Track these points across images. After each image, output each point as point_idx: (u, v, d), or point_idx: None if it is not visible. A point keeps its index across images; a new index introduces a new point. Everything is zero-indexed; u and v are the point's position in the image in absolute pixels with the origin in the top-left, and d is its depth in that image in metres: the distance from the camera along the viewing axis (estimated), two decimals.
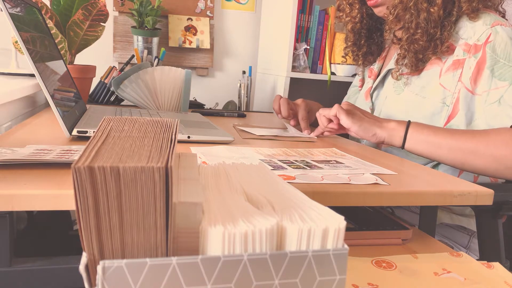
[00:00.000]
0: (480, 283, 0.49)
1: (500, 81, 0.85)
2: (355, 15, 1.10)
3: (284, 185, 0.38)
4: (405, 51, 0.95)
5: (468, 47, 0.90)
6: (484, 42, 0.87)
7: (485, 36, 0.87)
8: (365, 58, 1.16)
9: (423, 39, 0.91)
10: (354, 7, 1.09)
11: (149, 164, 0.27)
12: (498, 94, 0.85)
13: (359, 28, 1.11)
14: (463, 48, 0.90)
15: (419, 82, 0.97)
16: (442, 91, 0.92)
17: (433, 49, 0.93)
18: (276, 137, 0.93)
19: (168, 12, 1.83)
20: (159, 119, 0.40)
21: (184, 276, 0.27)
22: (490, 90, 0.86)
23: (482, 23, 0.89)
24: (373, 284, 0.47)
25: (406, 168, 0.72)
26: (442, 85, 0.92)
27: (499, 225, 0.82)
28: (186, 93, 1.24)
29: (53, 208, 0.46)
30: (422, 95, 0.95)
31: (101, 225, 0.27)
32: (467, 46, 0.90)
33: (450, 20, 0.92)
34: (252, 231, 0.28)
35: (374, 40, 1.15)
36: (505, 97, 0.84)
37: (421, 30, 0.91)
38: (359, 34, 1.13)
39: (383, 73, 1.08)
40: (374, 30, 1.14)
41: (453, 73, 0.91)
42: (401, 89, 1.01)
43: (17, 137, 0.72)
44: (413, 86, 0.98)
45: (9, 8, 0.66)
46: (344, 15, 1.12)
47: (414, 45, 0.93)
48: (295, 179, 0.59)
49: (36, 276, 0.49)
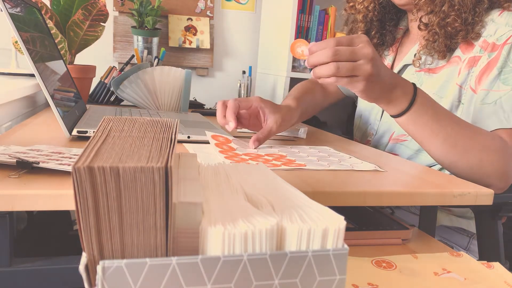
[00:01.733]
0: (480, 283, 0.48)
1: (503, 84, 0.83)
2: (368, 4, 1.05)
3: (284, 185, 0.38)
4: (436, 35, 0.91)
5: (486, 44, 0.87)
6: (503, 43, 0.85)
7: (505, 37, 0.85)
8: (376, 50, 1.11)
9: (457, 22, 0.88)
10: None
11: (149, 164, 0.27)
12: (496, 96, 0.83)
13: (371, 17, 1.07)
14: (481, 45, 0.88)
15: (437, 81, 0.94)
16: (458, 90, 0.90)
17: (465, 34, 0.89)
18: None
19: (168, 12, 1.83)
20: (159, 119, 0.40)
21: (184, 276, 0.27)
22: (490, 91, 0.84)
23: (505, 23, 0.86)
24: (373, 284, 0.47)
25: (406, 168, 0.72)
26: (458, 84, 0.90)
27: (499, 225, 0.82)
28: (186, 93, 1.24)
29: (53, 208, 0.46)
30: (439, 95, 0.93)
31: (101, 225, 0.27)
32: (485, 43, 0.87)
33: (481, 7, 0.89)
34: (252, 231, 0.28)
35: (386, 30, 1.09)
36: (502, 100, 0.82)
37: (454, 13, 0.88)
38: (370, 23, 1.08)
39: (398, 67, 1.04)
40: (388, 19, 1.09)
41: (468, 71, 0.89)
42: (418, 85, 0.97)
43: (17, 137, 0.72)
44: (430, 84, 0.95)
45: (9, 8, 0.66)
46: (357, 3, 1.07)
47: (447, 28, 0.89)
48: (306, 166, 0.65)
49: (36, 276, 0.49)
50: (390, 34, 1.10)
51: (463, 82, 0.90)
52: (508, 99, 0.82)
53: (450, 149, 0.75)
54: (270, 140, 0.89)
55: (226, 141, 0.78)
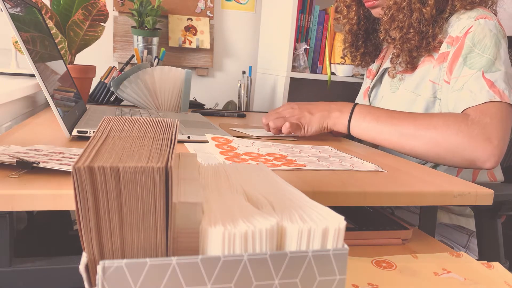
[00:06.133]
0: (480, 283, 0.49)
1: (469, 69, 0.86)
2: (352, 17, 1.12)
3: (284, 185, 0.38)
4: (399, 50, 0.97)
5: (452, 39, 0.91)
6: (465, 32, 0.88)
7: (466, 28, 0.89)
8: (363, 58, 1.17)
9: (415, 38, 0.93)
10: (351, 9, 1.11)
11: (149, 164, 0.27)
12: (463, 81, 0.86)
13: (356, 29, 1.14)
14: (447, 41, 0.92)
15: (413, 80, 0.98)
16: (432, 86, 0.94)
17: (426, 46, 0.94)
18: (270, 137, 0.93)
19: (168, 12, 1.83)
20: (159, 119, 0.40)
21: (184, 276, 0.27)
22: (458, 78, 0.87)
23: (467, 17, 0.90)
24: (373, 284, 0.47)
25: (406, 167, 0.72)
26: (432, 80, 0.94)
27: (498, 225, 0.82)
28: (186, 93, 1.24)
29: (53, 208, 0.46)
30: (416, 93, 0.97)
31: (101, 225, 0.27)
32: (451, 38, 0.91)
33: (442, 17, 0.94)
34: (252, 231, 0.28)
35: (371, 41, 1.17)
36: (468, 82, 0.84)
37: (413, 29, 0.93)
38: (356, 35, 1.15)
39: (380, 72, 1.09)
40: (371, 31, 1.16)
41: (439, 66, 0.93)
42: (396, 87, 1.02)
43: (17, 137, 0.72)
44: (407, 84, 1.00)
45: (9, 8, 0.66)
46: (342, 17, 1.14)
47: (407, 44, 0.94)
48: (306, 166, 0.65)
49: (36, 276, 0.49)
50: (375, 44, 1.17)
51: (435, 77, 0.94)
52: (474, 80, 0.84)
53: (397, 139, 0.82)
54: (271, 140, 0.89)
55: (226, 142, 0.78)
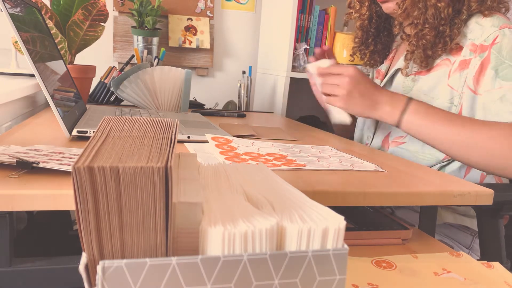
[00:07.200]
0: (480, 283, 0.48)
1: (504, 81, 0.85)
2: (364, 13, 1.10)
3: (284, 185, 0.38)
4: (414, 46, 0.96)
5: (475, 47, 0.90)
6: (491, 43, 0.88)
7: (492, 38, 0.88)
8: (371, 57, 1.16)
9: (430, 34, 0.92)
10: (364, 4, 1.10)
11: (148, 164, 0.27)
12: (500, 93, 0.85)
13: (367, 26, 1.12)
14: (470, 48, 0.91)
15: (428, 82, 0.97)
16: (449, 91, 0.93)
17: (443, 46, 0.93)
18: (270, 138, 0.92)
19: (168, 12, 1.83)
20: (159, 119, 0.40)
21: (184, 276, 0.26)
22: (493, 90, 0.86)
23: (491, 24, 0.89)
24: (373, 284, 0.47)
25: (406, 167, 0.72)
26: (450, 85, 0.93)
27: (500, 225, 0.82)
28: (186, 93, 1.24)
29: (53, 208, 0.46)
30: (431, 96, 0.95)
31: (101, 225, 0.27)
32: (474, 46, 0.90)
33: (460, 18, 0.92)
34: (252, 231, 0.28)
35: (381, 39, 1.15)
36: (508, 95, 0.84)
37: (428, 25, 0.91)
38: (367, 32, 1.13)
39: (391, 72, 1.08)
40: (382, 29, 1.14)
41: (460, 73, 0.91)
42: (409, 88, 1.01)
43: (17, 137, 0.72)
44: (421, 85, 0.98)
45: (9, 8, 0.66)
46: (354, 11, 1.13)
47: (422, 40, 0.93)
48: (306, 166, 0.65)
49: (36, 276, 0.49)
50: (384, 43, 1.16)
51: (454, 84, 0.93)
52: None
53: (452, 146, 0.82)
54: (271, 140, 0.89)
55: (226, 141, 0.78)
